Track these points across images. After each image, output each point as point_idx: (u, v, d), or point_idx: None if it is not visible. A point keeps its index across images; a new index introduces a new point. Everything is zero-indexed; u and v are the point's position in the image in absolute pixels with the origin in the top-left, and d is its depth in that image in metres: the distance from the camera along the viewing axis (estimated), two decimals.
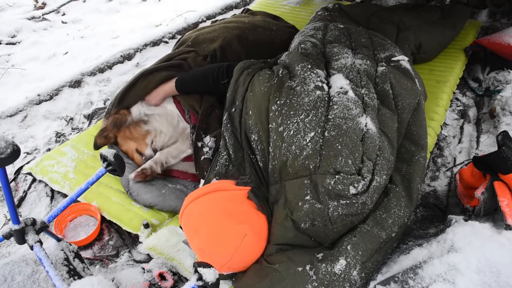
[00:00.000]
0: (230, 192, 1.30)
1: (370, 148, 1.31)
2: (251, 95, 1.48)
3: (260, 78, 1.50)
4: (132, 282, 1.38)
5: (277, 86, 1.44)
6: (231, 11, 3.50)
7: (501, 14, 2.79)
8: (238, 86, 1.55)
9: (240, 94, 1.53)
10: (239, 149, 1.48)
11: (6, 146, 1.03)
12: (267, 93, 1.43)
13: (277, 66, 1.57)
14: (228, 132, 1.51)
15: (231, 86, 1.58)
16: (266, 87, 1.45)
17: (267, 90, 1.44)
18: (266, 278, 1.17)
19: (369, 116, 1.40)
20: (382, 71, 1.58)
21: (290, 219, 1.26)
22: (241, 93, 1.52)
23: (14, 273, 1.26)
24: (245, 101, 1.50)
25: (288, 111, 1.36)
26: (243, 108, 1.50)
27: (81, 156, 1.90)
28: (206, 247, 1.21)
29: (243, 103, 1.50)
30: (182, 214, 1.30)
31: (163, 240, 1.47)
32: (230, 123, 1.52)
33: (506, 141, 1.36)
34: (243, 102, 1.51)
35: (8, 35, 3.39)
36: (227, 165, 1.48)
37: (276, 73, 1.51)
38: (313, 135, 1.30)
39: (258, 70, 1.58)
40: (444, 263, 1.04)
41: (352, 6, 2.34)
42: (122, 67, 2.80)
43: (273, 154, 1.35)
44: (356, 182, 1.22)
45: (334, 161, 1.24)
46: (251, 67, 1.62)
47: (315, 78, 1.46)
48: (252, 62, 1.68)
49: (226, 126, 1.52)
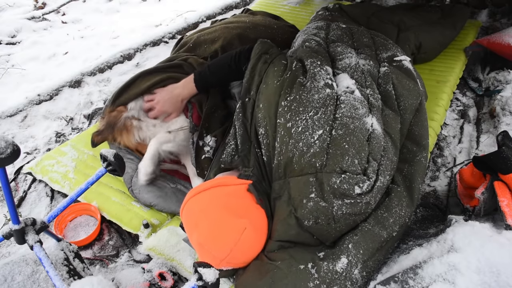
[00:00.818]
0: (231, 187, 1.30)
1: (376, 148, 1.31)
2: (264, 87, 1.45)
3: (275, 69, 1.47)
4: (132, 282, 1.38)
5: (290, 81, 1.42)
6: (231, 11, 3.50)
7: (501, 14, 2.79)
8: (255, 75, 1.51)
9: (255, 84, 1.49)
10: (246, 140, 1.47)
11: (6, 146, 1.03)
12: (279, 88, 1.42)
13: (291, 58, 1.55)
14: (239, 122, 1.49)
15: (248, 72, 1.53)
16: (279, 81, 1.43)
17: (279, 84, 1.43)
18: (267, 275, 1.17)
19: (375, 116, 1.40)
20: (385, 72, 1.58)
21: (293, 216, 1.26)
22: (256, 83, 1.49)
23: (14, 273, 1.26)
24: (258, 93, 1.47)
25: (297, 107, 1.36)
26: (256, 99, 1.47)
27: (81, 156, 1.90)
28: (205, 242, 1.20)
29: (257, 94, 1.48)
30: (182, 210, 1.30)
31: (163, 241, 1.47)
32: (242, 112, 1.49)
33: (506, 141, 1.36)
34: (257, 94, 1.48)
35: (8, 35, 3.39)
36: (233, 155, 1.47)
37: (289, 65, 1.49)
38: (321, 133, 1.29)
39: (275, 56, 1.55)
40: (444, 263, 1.04)
41: (352, 6, 2.34)
42: (122, 67, 2.80)
43: (279, 149, 1.34)
44: (361, 182, 1.22)
45: (341, 160, 1.24)
46: (269, 51, 1.58)
47: (324, 75, 1.45)
48: (271, 44, 1.63)
49: (238, 115, 1.49)
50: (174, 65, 1.90)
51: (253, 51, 1.57)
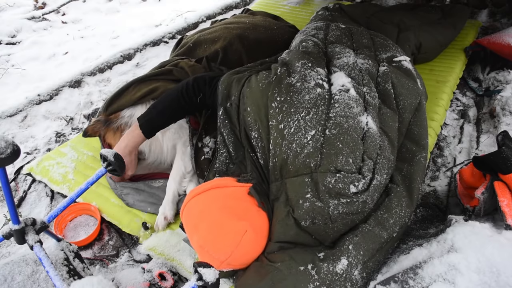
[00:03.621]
0: (231, 188, 1.30)
1: (371, 147, 1.31)
2: (248, 91, 1.44)
3: (258, 77, 1.48)
4: (132, 282, 1.38)
5: (276, 82, 1.42)
6: (231, 11, 3.51)
7: (501, 14, 2.79)
8: (232, 81, 1.49)
9: (235, 89, 1.47)
10: (239, 147, 1.47)
11: (6, 146, 1.03)
12: (266, 90, 1.42)
13: (275, 65, 1.55)
14: (226, 129, 1.48)
15: (225, 79, 1.49)
16: (264, 84, 1.43)
17: (265, 87, 1.42)
18: (267, 276, 1.17)
19: (370, 114, 1.40)
20: (384, 71, 1.58)
21: (291, 217, 1.26)
22: (237, 88, 1.47)
23: (14, 273, 1.26)
24: (242, 97, 1.45)
25: (288, 108, 1.36)
26: (239, 103, 1.46)
27: (81, 157, 1.90)
28: (205, 244, 1.20)
29: (240, 98, 1.46)
30: (183, 211, 1.30)
31: (163, 241, 1.47)
32: (228, 119, 1.49)
33: (506, 141, 1.36)
34: (240, 98, 1.46)
35: (8, 35, 3.39)
36: (228, 163, 1.47)
37: (274, 71, 1.49)
38: (314, 133, 1.30)
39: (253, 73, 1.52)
40: (444, 263, 1.04)
41: (353, 6, 2.34)
42: (122, 67, 2.80)
43: (274, 151, 1.35)
44: (356, 181, 1.22)
45: (335, 160, 1.24)
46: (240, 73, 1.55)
47: (315, 75, 1.45)
48: (237, 70, 1.59)
49: (224, 122, 1.49)
50: (164, 71, 1.89)
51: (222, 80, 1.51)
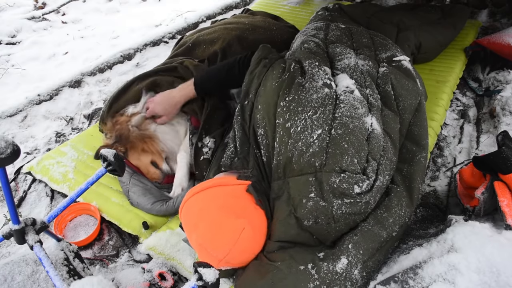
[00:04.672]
0: (230, 187, 1.30)
1: (375, 148, 1.31)
2: (263, 90, 1.47)
3: (274, 72, 1.49)
4: (132, 282, 1.38)
5: (288, 82, 1.43)
6: (231, 11, 3.50)
7: (501, 14, 2.79)
8: (253, 78, 1.53)
9: (254, 87, 1.51)
10: (245, 142, 1.48)
11: (6, 146, 1.02)
12: (277, 88, 1.43)
13: (289, 60, 1.56)
14: (237, 125, 1.51)
15: (247, 77, 1.55)
16: (278, 83, 1.44)
17: (277, 86, 1.44)
18: (267, 275, 1.17)
19: (374, 116, 1.40)
20: (383, 72, 1.58)
21: (293, 216, 1.26)
22: (255, 86, 1.51)
23: (14, 273, 1.26)
24: (257, 95, 1.49)
25: (296, 107, 1.36)
26: (255, 101, 1.49)
27: (81, 156, 1.90)
28: (204, 242, 1.21)
29: (256, 97, 1.49)
30: (181, 210, 1.30)
31: (163, 240, 1.47)
32: (241, 115, 1.51)
33: (506, 141, 1.36)
34: (256, 96, 1.49)
35: (8, 35, 3.39)
36: (233, 157, 1.48)
37: (288, 67, 1.50)
38: (320, 133, 1.30)
39: (274, 60, 1.56)
40: (444, 263, 1.04)
41: (352, 6, 2.34)
42: (122, 67, 2.80)
43: (279, 149, 1.35)
44: (360, 181, 1.22)
45: (340, 160, 1.24)
46: (268, 56, 1.59)
47: (323, 75, 1.46)
48: (270, 49, 1.64)
49: (237, 118, 1.52)
50: (170, 68, 1.90)
51: (253, 57, 1.59)
